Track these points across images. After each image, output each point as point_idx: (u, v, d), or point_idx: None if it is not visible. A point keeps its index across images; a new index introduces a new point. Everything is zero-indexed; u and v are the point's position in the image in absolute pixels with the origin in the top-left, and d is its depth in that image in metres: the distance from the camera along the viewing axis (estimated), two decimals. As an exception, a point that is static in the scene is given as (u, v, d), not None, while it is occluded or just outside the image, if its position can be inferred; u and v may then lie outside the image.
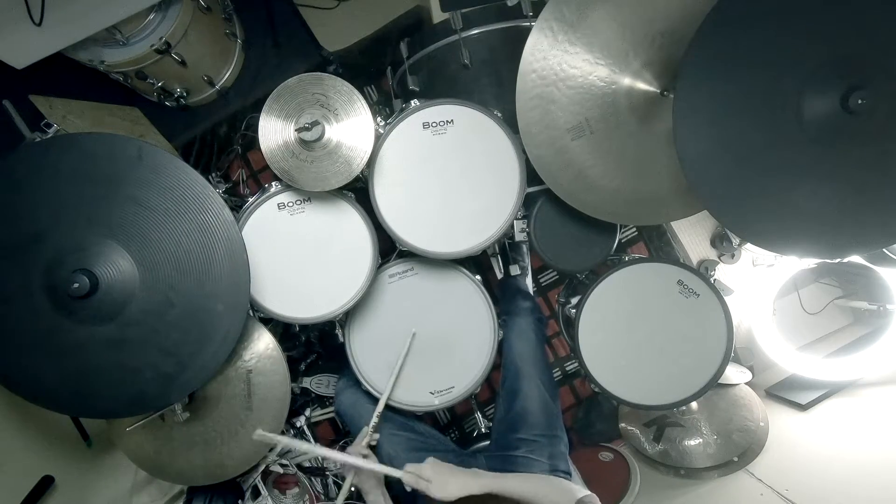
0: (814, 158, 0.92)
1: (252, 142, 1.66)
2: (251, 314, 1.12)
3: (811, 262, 1.50)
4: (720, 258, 1.59)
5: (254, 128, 1.23)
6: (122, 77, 1.30)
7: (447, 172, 1.13)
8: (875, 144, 0.90)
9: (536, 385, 1.23)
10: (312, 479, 1.38)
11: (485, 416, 1.51)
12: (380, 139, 1.10)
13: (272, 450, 1.26)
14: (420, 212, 1.13)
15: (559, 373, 1.79)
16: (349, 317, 1.22)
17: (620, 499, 1.39)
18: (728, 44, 0.91)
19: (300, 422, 1.44)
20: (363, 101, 1.02)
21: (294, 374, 1.16)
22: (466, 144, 1.12)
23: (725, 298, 1.23)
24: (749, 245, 1.55)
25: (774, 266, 1.56)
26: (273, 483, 1.35)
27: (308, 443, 1.07)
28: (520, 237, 1.25)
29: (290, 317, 1.12)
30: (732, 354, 1.24)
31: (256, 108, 1.33)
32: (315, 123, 0.99)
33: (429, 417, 1.70)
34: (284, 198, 1.10)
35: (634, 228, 1.76)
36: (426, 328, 1.23)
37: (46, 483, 1.15)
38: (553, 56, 1.07)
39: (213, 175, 1.63)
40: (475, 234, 1.14)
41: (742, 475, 1.35)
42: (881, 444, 1.22)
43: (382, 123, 1.13)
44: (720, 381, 1.26)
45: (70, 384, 0.96)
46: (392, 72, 1.51)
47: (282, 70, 1.54)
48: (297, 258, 1.11)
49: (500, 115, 1.12)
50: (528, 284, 1.47)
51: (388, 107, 1.61)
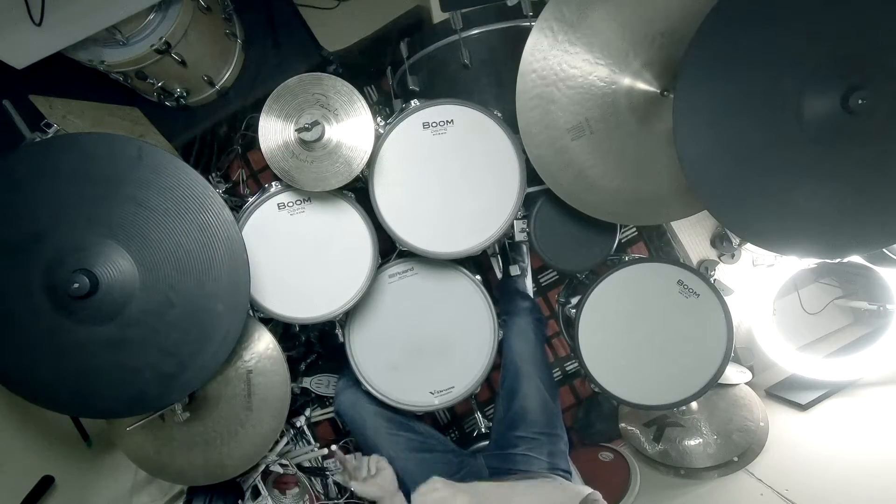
0: (814, 158, 0.92)
1: (252, 142, 1.66)
2: (251, 314, 1.12)
3: (811, 262, 1.50)
4: (720, 258, 1.59)
5: (254, 128, 1.23)
6: (122, 77, 1.30)
7: (447, 172, 1.13)
8: (875, 144, 0.89)
9: (536, 385, 1.23)
10: (312, 479, 1.38)
11: (485, 416, 1.51)
12: (380, 139, 1.10)
13: (272, 449, 1.26)
14: (420, 212, 1.13)
15: (559, 373, 1.79)
16: (349, 317, 1.22)
17: (620, 499, 1.39)
18: (728, 44, 0.91)
19: (300, 422, 1.44)
20: (363, 101, 1.02)
21: (294, 374, 1.16)
22: (466, 144, 1.12)
23: (725, 298, 1.23)
24: (749, 245, 1.55)
25: (774, 266, 1.56)
26: (273, 483, 1.35)
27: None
28: (520, 237, 1.25)
29: (290, 317, 1.12)
30: (732, 354, 1.24)
31: (256, 108, 1.33)
32: (315, 123, 0.99)
33: (429, 417, 1.70)
34: (284, 198, 1.10)
35: (634, 228, 1.76)
36: (426, 328, 1.23)
37: (46, 483, 1.15)
38: (553, 56, 1.07)
39: (213, 175, 1.63)
40: (475, 234, 1.14)
41: (742, 475, 1.35)
42: (881, 444, 1.22)
43: (382, 123, 1.13)
44: (720, 381, 1.26)
45: (70, 384, 0.96)
46: (392, 72, 1.51)
47: (282, 70, 1.54)
48: (297, 258, 1.11)
49: (500, 115, 1.12)
50: (528, 285, 1.47)
51: (388, 107, 1.61)
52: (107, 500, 1.31)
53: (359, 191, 1.19)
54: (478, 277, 1.25)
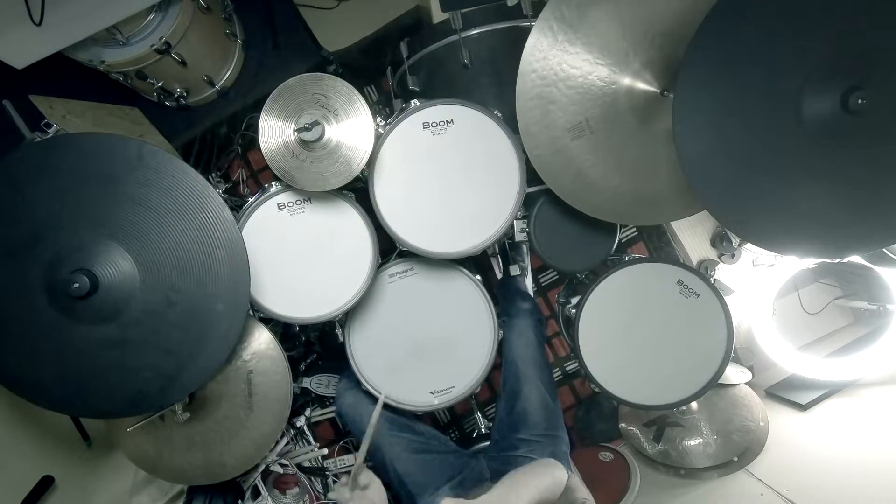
0: (813, 158, 0.92)
1: (252, 142, 1.66)
2: (251, 314, 1.12)
3: (811, 262, 1.49)
4: (720, 258, 1.59)
5: (254, 128, 1.23)
6: (122, 77, 1.30)
7: (447, 172, 1.13)
8: (875, 144, 0.90)
9: (536, 386, 1.23)
10: (312, 479, 1.38)
11: (485, 416, 1.51)
12: (380, 139, 1.10)
13: (273, 449, 1.26)
14: (420, 212, 1.13)
15: (559, 373, 1.79)
16: (349, 317, 1.21)
17: (620, 499, 1.39)
18: (728, 44, 0.91)
19: (300, 422, 1.44)
20: (363, 101, 1.02)
21: (294, 374, 1.16)
22: (466, 144, 1.12)
23: (725, 298, 1.23)
24: (749, 245, 1.54)
25: (774, 266, 1.56)
26: (273, 483, 1.35)
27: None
28: (520, 237, 1.25)
29: (290, 317, 1.12)
30: (732, 354, 1.24)
31: (256, 108, 1.32)
32: (315, 123, 0.99)
33: (429, 417, 1.70)
34: (284, 198, 1.10)
35: (634, 228, 1.76)
36: (426, 328, 1.23)
37: (46, 483, 1.15)
38: (553, 56, 1.07)
39: (213, 175, 1.63)
40: (475, 235, 1.14)
41: (742, 475, 1.35)
42: (881, 444, 1.22)
43: (382, 123, 1.13)
44: (720, 381, 1.26)
45: (70, 384, 0.96)
46: (392, 72, 1.51)
47: (282, 70, 1.53)
48: (297, 258, 1.11)
49: (500, 115, 1.12)
50: (528, 285, 1.47)
51: (388, 107, 1.61)
52: (107, 500, 1.31)
53: (359, 191, 1.19)
54: (478, 277, 1.25)
